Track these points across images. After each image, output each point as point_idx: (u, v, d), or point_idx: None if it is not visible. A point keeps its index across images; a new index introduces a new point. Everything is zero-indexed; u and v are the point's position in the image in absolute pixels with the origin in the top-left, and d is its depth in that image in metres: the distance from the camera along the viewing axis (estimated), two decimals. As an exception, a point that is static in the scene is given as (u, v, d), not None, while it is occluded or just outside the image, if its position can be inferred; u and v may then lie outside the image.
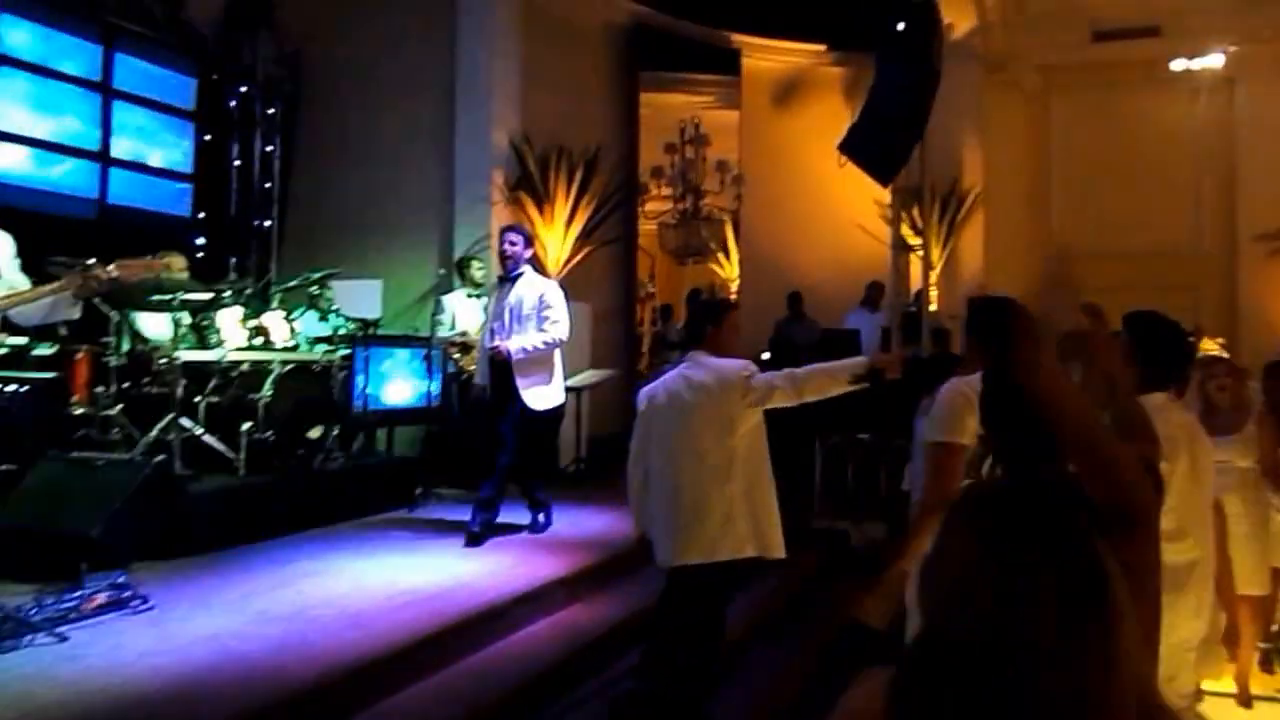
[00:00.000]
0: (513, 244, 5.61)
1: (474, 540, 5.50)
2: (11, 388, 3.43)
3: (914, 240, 10.57)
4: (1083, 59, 12.10)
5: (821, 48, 12.06)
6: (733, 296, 11.18)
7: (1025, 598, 1.01)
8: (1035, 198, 12.51)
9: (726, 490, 3.64)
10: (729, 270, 13.63)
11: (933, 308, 10.39)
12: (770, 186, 11.63)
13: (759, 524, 3.68)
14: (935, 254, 10.93)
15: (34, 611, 3.69)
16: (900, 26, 7.95)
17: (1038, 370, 1.56)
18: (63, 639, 3.61)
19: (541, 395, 5.61)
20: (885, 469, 7.72)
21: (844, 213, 11.30)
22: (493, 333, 5.61)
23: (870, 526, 7.22)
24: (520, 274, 5.61)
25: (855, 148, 7.93)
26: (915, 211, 10.74)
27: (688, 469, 3.69)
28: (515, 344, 5.50)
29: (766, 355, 8.91)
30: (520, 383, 5.52)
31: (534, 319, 5.54)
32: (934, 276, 10.76)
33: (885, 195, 10.59)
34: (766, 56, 12.01)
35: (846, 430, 7.91)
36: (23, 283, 3.84)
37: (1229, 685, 4.29)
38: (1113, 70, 11.99)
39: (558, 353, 5.73)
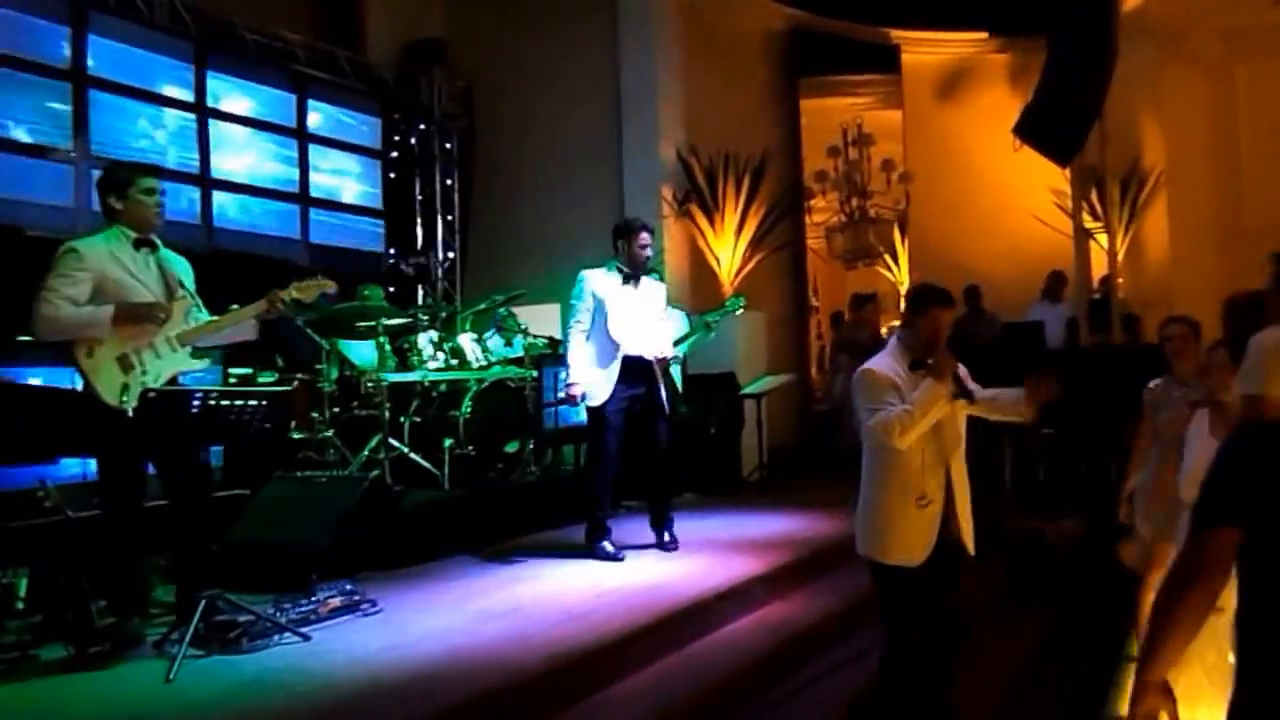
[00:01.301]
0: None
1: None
2: (253, 402, 3.68)
3: (1094, 226, 10.07)
4: (1269, 21, 11.24)
5: (983, 36, 11.70)
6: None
7: None
8: (1223, 175, 11.66)
9: (862, 487, 3.64)
10: (899, 274, 13.35)
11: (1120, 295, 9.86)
12: (938, 183, 11.33)
13: (864, 525, 3.61)
14: (1119, 238, 10.39)
15: (278, 615, 3.95)
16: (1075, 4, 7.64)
17: None
18: (306, 638, 3.85)
19: None
20: (1085, 463, 7.37)
21: (1017, 204, 10.90)
22: (623, 330, 5.27)
23: (1068, 523, 6.89)
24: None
25: (1031, 130, 7.65)
26: (1094, 196, 10.25)
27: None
28: (667, 348, 5.47)
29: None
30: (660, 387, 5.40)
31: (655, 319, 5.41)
32: (1119, 261, 10.22)
33: (1060, 183, 10.17)
34: (927, 50, 11.73)
35: (1035, 425, 7.58)
36: (204, 311, 4.10)
37: None
38: (1303, 32, 11.09)
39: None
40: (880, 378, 3.49)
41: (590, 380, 5.25)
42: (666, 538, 5.53)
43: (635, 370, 5.31)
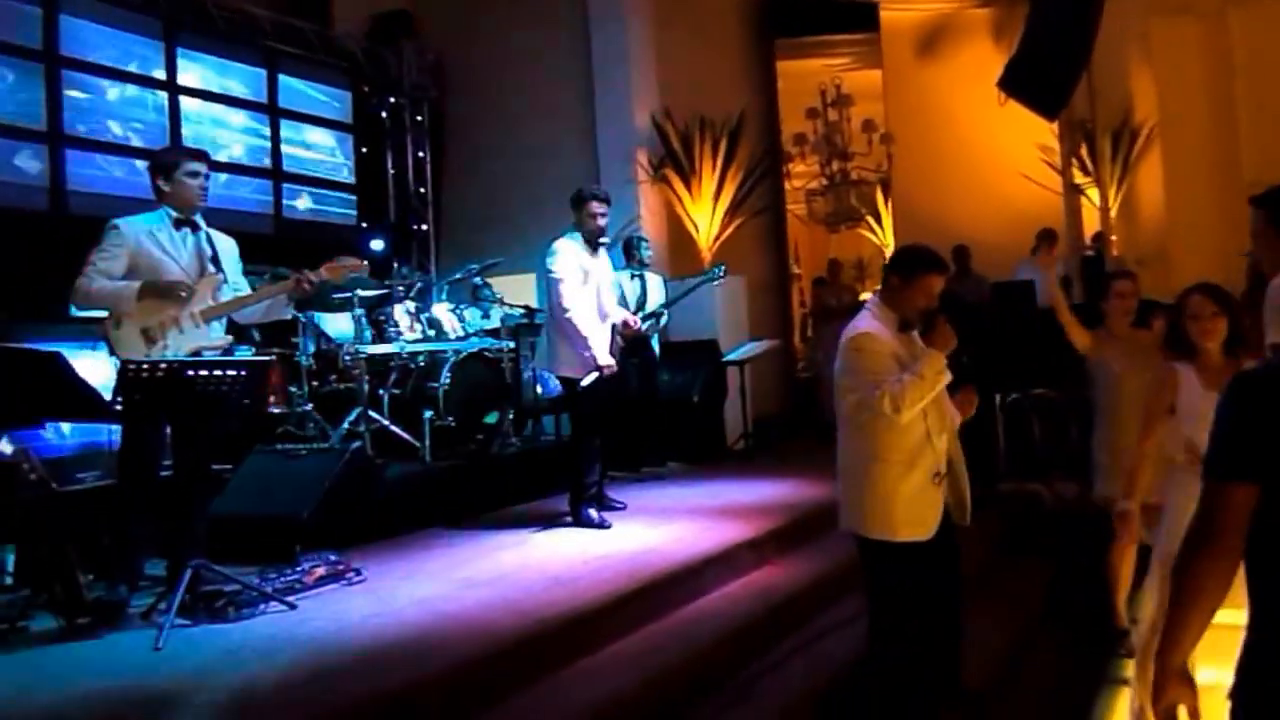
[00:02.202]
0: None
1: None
2: (232, 372, 3.82)
3: (1084, 181, 10.22)
4: (1265, -37, 11.33)
5: (964, -12, 11.81)
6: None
7: None
8: (1219, 126, 11.75)
9: (841, 458, 3.56)
10: (883, 237, 13.51)
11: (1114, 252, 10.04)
12: (921, 143, 11.44)
13: (862, 502, 3.50)
14: (1111, 194, 10.54)
15: (264, 585, 4.09)
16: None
17: None
18: (292, 607, 4.00)
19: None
20: (1079, 425, 7.50)
21: (1003, 161, 11.01)
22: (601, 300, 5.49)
23: (1063, 486, 7.04)
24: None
25: (1016, 83, 7.76)
26: (1084, 151, 10.39)
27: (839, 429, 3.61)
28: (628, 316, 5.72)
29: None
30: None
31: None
32: (1111, 218, 10.38)
33: (1048, 139, 10.29)
34: (905, 6, 11.80)
35: (1026, 387, 7.73)
36: (246, 287, 4.34)
37: None
38: (1302, -28, 11.17)
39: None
40: (881, 345, 3.40)
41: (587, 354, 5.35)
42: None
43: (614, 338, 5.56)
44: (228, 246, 4.35)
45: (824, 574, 5.06)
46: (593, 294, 5.46)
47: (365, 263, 4.64)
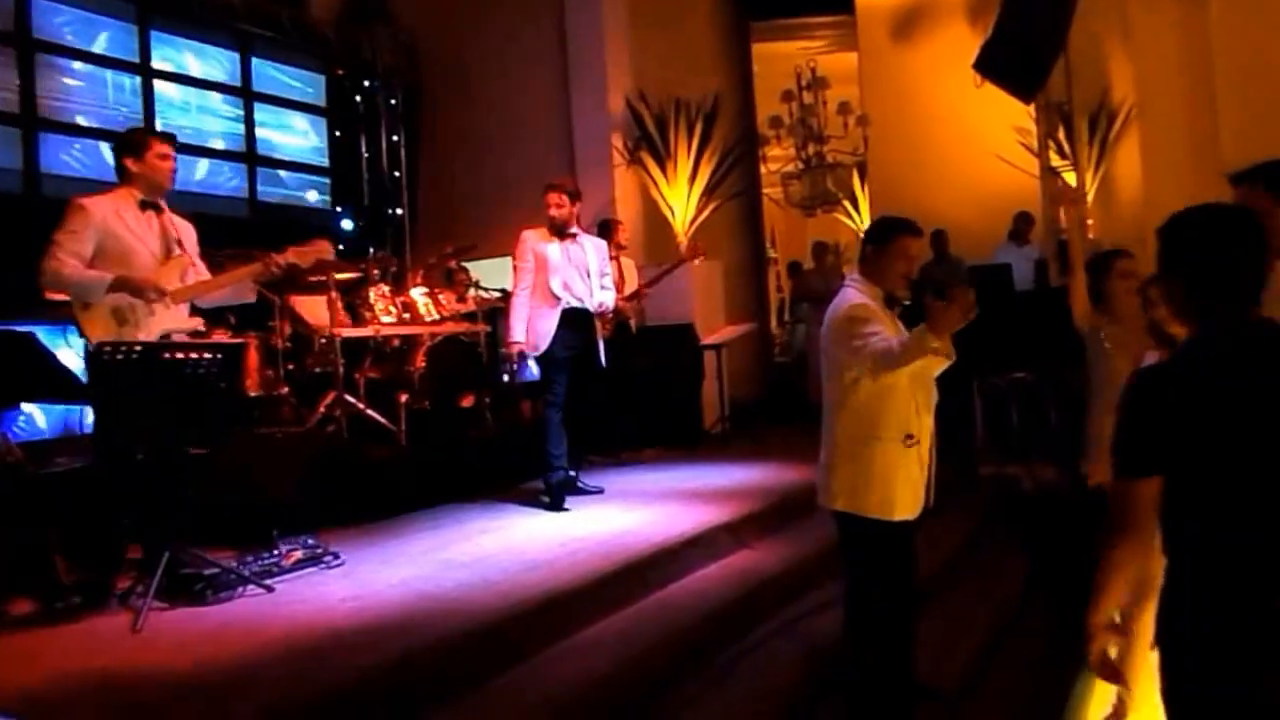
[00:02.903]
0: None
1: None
2: (208, 355, 3.85)
3: (1061, 164, 10.31)
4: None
5: (941, -30, 11.85)
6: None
7: None
8: (1197, 106, 11.81)
9: (833, 436, 3.50)
10: (860, 221, 13.60)
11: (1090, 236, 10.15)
12: (898, 126, 11.47)
13: (854, 481, 3.45)
14: (1088, 177, 10.64)
15: (242, 568, 4.13)
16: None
17: None
18: (270, 590, 4.04)
19: None
20: (1057, 408, 7.57)
21: (981, 145, 11.07)
22: (565, 286, 5.69)
23: (1042, 469, 7.12)
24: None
25: (992, 66, 7.82)
26: (1061, 134, 10.48)
27: (824, 405, 3.59)
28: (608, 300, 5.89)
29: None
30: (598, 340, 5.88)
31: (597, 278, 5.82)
32: (1089, 200, 10.48)
33: (1025, 121, 10.37)
34: (882, -13, 11.86)
35: (1004, 370, 7.82)
36: (205, 272, 4.35)
37: None
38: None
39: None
40: (871, 309, 3.37)
41: (532, 335, 5.64)
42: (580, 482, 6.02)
43: (576, 321, 5.69)
44: (189, 230, 4.35)
45: (802, 557, 5.14)
46: (554, 279, 5.65)
47: (331, 246, 4.64)
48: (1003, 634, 4.90)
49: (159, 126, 7.65)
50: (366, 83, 9.34)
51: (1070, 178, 10.67)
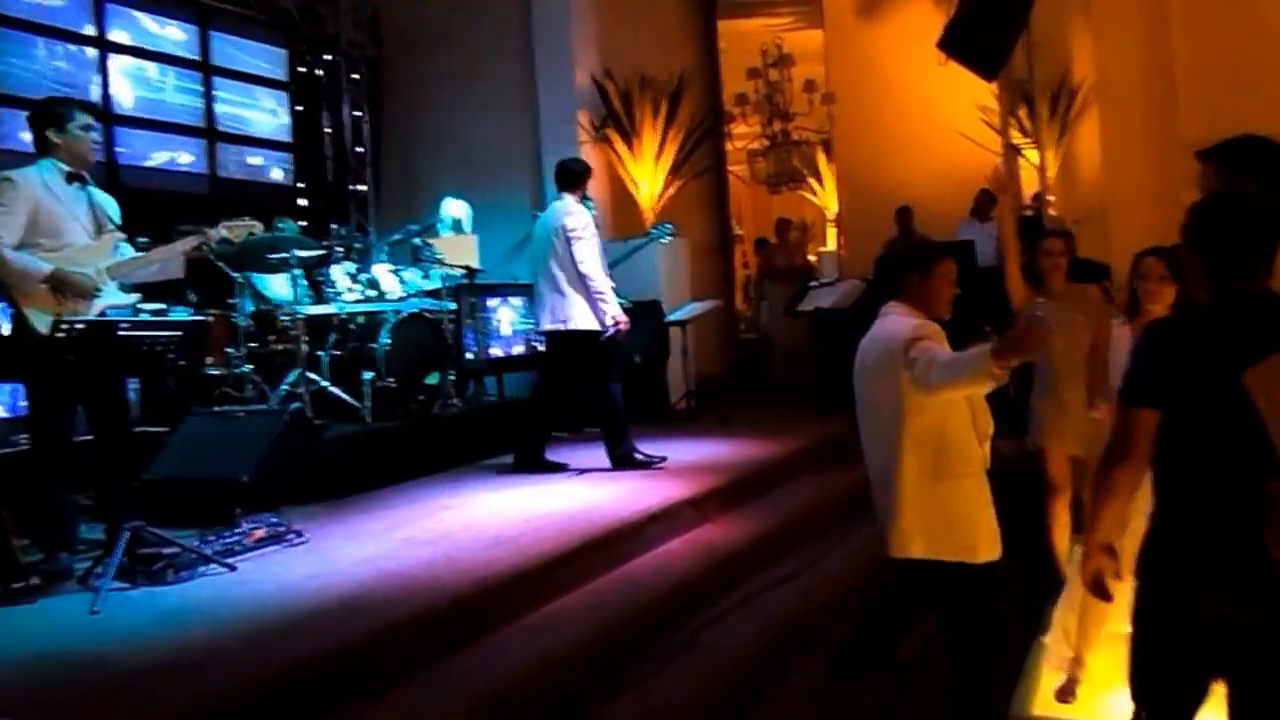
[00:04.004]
0: None
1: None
2: (166, 333, 3.79)
3: (1023, 142, 10.38)
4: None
5: (905, -53, 11.85)
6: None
7: None
8: (1156, 86, 11.90)
9: (895, 475, 3.18)
10: (825, 198, 13.64)
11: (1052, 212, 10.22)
12: (863, 103, 11.49)
13: (930, 521, 3.16)
14: (1049, 154, 10.71)
15: (203, 547, 4.10)
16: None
17: None
18: (232, 569, 4.02)
19: None
20: (1015, 382, 7.64)
21: (945, 122, 11.12)
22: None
23: (1001, 444, 7.18)
24: None
25: (955, 44, 7.81)
26: (1023, 112, 10.55)
27: (868, 447, 3.35)
28: None
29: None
30: None
31: None
32: (1050, 178, 10.56)
33: (988, 99, 10.42)
34: (848, -35, 11.85)
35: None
36: (129, 249, 4.26)
37: None
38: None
39: None
40: (934, 329, 3.11)
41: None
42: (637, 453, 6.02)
43: None
44: (111, 204, 4.24)
45: (765, 530, 5.20)
46: (599, 251, 5.84)
47: (261, 223, 4.58)
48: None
49: (115, 101, 7.47)
50: (329, 57, 9.18)
51: (1032, 155, 10.75)
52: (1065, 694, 3.82)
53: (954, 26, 8.26)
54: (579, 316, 5.80)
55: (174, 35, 8.06)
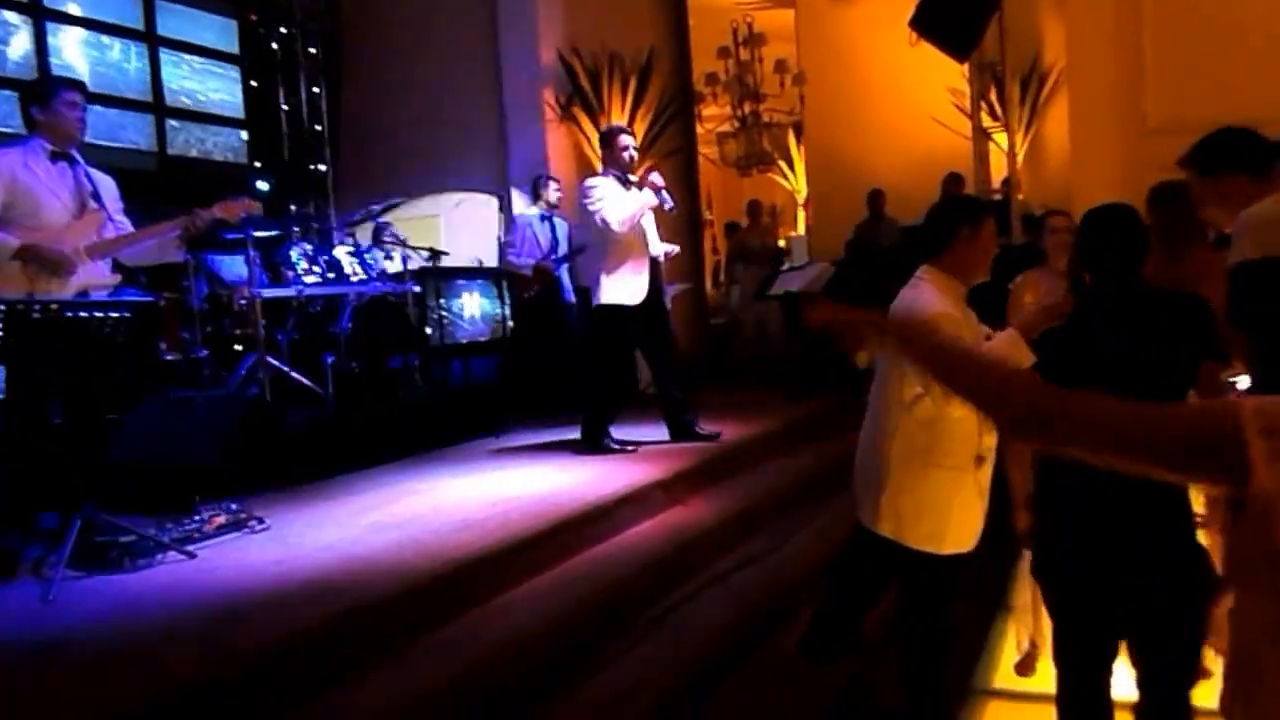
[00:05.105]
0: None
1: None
2: (115, 314, 3.74)
3: (993, 126, 10.46)
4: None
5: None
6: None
7: None
8: (1126, 72, 12.03)
9: (882, 453, 3.21)
10: (795, 181, 13.69)
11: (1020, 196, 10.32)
12: (834, 85, 11.54)
13: (906, 508, 3.19)
14: (1019, 139, 10.81)
15: (161, 535, 4.04)
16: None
17: None
18: (192, 556, 3.96)
19: None
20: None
21: (916, 105, 11.20)
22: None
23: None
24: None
25: (928, 23, 7.89)
26: (993, 95, 10.63)
27: (869, 410, 3.33)
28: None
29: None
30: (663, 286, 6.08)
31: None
32: (1019, 162, 10.66)
33: (959, 82, 10.49)
34: (819, -57, 11.85)
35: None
36: (129, 227, 4.23)
37: None
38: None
39: None
40: (954, 319, 3.03)
41: (626, 288, 5.77)
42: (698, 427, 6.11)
43: (654, 272, 5.88)
44: (108, 184, 4.26)
45: (734, 512, 5.22)
46: (621, 206, 5.68)
47: (259, 203, 4.56)
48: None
49: (53, 72, 7.32)
50: (283, 29, 9.04)
51: (1001, 139, 10.84)
52: (1025, 667, 3.96)
53: (926, 6, 8.33)
54: (604, 290, 5.80)
55: (116, 3, 7.88)
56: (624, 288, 5.76)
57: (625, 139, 5.79)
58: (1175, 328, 2.62)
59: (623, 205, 5.64)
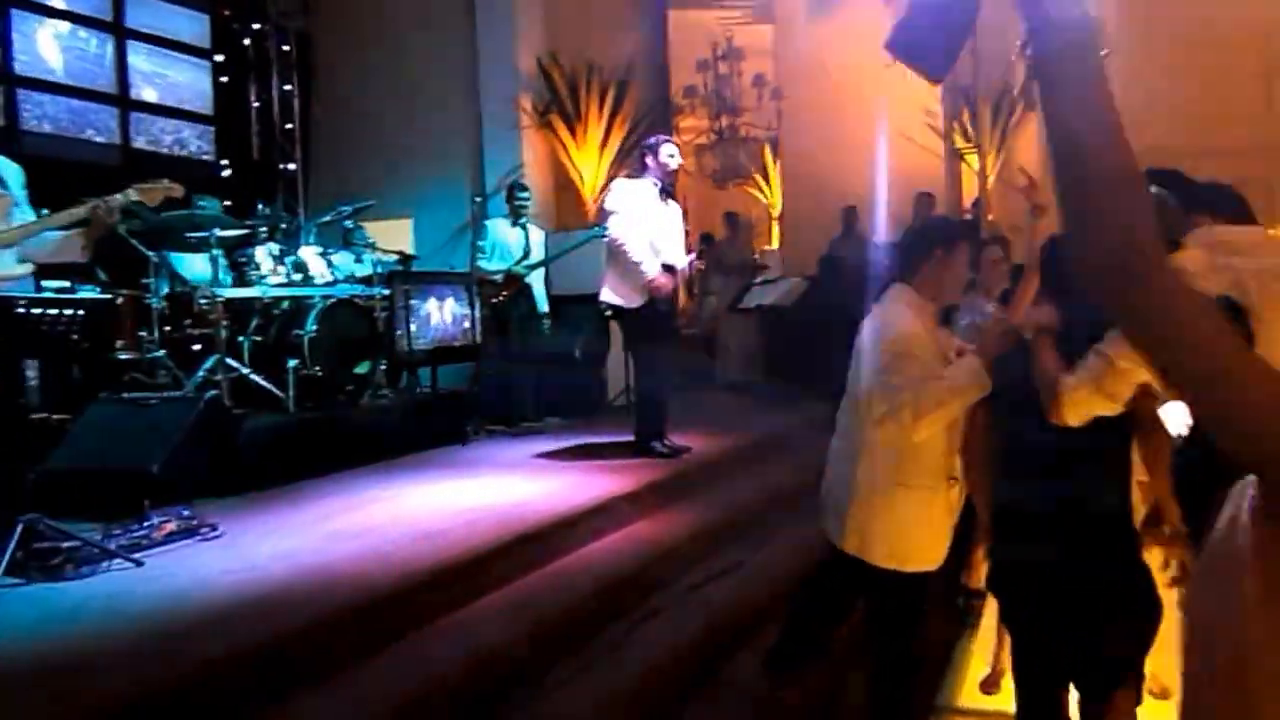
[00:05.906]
0: None
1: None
2: (69, 312, 3.55)
3: (965, 147, 10.49)
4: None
5: (857, -53, 11.87)
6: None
7: None
8: (1095, 96, 12.15)
9: (850, 471, 3.18)
10: (771, 195, 13.64)
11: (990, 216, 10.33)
12: (811, 101, 11.54)
13: (870, 526, 3.15)
14: (990, 160, 10.84)
15: (107, 541, 3.85)
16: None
17: None
18: (139, 564, 3.78)
19: None
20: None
21: (891, 124, 11.19)
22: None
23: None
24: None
25: (903, 46, 7.84)
26: (966, 117, 10.66)
27: (839, 423, 3.28)
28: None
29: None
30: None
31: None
32: (990, 183, 10.69)
33: (933, 103, 10.51)
34: (799, -39, 11.84)
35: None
36: (33, 216, 3.97)
37: None
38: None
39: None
40: (926, 350, 3.01)
41: (635, 294, 5.66)
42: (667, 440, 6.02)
43: None
44: (13, 171, 3.98)
45: (702, 526, 5.12)
46: (648, 235, 5.61)
47: (181, 186, 4.26)
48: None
49: (17, 62, 7.08)
50: (256, 26, 8.85)
51: (972, 160, 10.87)
52: (989, 685, 3.92)
53: (902, 29, 8.27)
54: (607, 290, 5.76)
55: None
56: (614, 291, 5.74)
57: (670, 148, 5.69)
58: None
59: (641, 242, 5.59)
